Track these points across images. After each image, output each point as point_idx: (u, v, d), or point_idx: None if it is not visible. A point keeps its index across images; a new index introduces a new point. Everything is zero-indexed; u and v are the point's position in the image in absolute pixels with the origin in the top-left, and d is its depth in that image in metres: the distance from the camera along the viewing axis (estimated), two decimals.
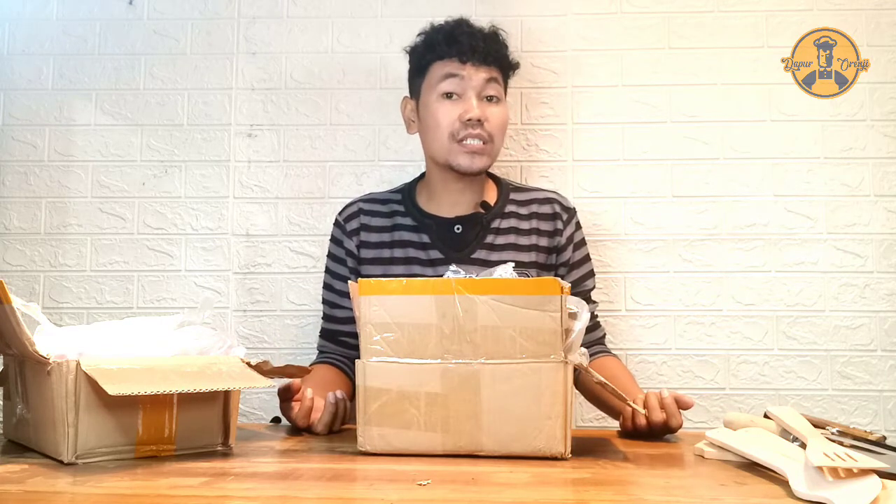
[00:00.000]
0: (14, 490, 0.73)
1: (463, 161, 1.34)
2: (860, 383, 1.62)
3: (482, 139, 1.33)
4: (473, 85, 1.33)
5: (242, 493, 0.74)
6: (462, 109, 1.33)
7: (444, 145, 1.35)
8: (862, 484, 0.70)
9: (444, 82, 1.34)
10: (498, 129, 1.36)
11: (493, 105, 1.35)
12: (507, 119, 1.39)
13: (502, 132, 1.37)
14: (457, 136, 1.33)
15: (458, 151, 1.34)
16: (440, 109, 1.34)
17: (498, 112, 1.36)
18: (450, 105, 1.34)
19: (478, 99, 1.34)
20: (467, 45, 1.33)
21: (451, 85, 1.34)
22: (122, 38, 1.76)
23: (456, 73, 1.34)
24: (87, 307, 1.71)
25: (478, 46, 1.33)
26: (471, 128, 1.32)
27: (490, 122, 1.34)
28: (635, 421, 1.07)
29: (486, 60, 1.34)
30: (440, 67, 1.35)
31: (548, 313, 0.88)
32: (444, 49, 1.35)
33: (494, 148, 1.36)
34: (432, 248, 1.39)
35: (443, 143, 1.35)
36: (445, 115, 1.33)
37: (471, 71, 1.33)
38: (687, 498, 0.73)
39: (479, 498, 0.72)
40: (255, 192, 1.72)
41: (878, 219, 1.64)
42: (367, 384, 0.91)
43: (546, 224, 1.42)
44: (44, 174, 1.74)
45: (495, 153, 1.37)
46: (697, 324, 1.65)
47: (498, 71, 1.37)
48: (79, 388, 0.84)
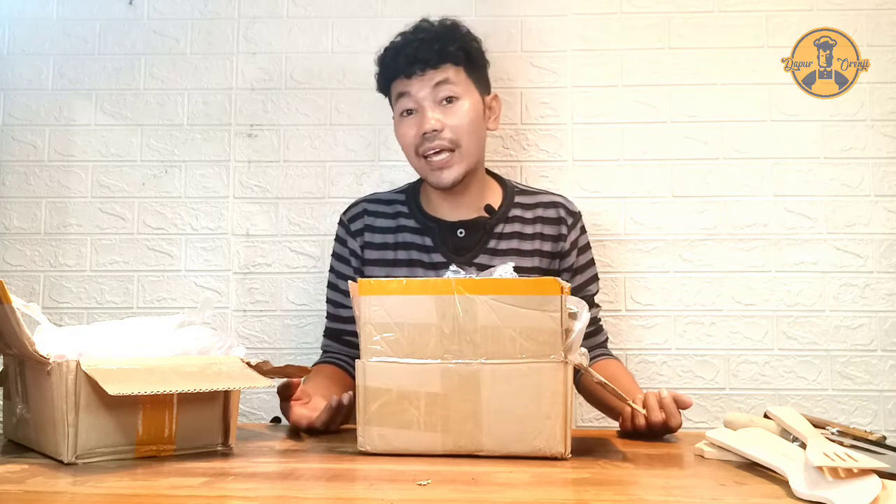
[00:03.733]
0: (14, 490, 0.73)
1: (433, 178, 1.34)
2: (860, 383, 1.62)
3: (444, 149, 1.31)
4: (423, 96, 1.32)
5: (242, 493, 0.74)
6: (418, 125, 1.32)
7: (415, 163, 1.36)
8: (862, 484, 0.70)
9: (399, 102, 1.36)
10: (461, 131, 1.32)
11: (451, 105, 1.32)
12: (472, 113, 1.33)
13: (468, 131, 1.32)
14: (419, 150, 1.33)
15: (427, 169, 1.34)
16: (401, 128, 1.36)
17: (457, 112, 1.32)
18: (409, 122, 1.34)
19: (434, 107, 1.31)
20: (407, 58, 1.32)
21: (405, 103, 1.34)
22: (122, 38, 1.76)
23: (405, 90, 1.33)
24: (87, 307, 1.71)
25: (418, 55, 1.31)
26: (428, 141, 1.31)
27: (449, 127, 1.31)
28: (634, 421, 1.07)
29: (430, 64, 1.31)
30: (395, 87, 1.36)
31: (548, 313, 0.88)
32: (392, 69, 1.35)
33: (463, 151, 1.32)
34: (435, 251, 1.38)
35: (412, 160, 1.36)
36: (407, 134, 1.34)
37: (417, 84, 1.32)
38: (687, 498, 0.73)
39: (479, 498, 0.72)
40: (255, 192, 1.72)
41: (878, 219, 1.64)
42: (367, 384, 0.91)
43: (550, 228, 1.41)
44: (44, 174, 1.74)
45: (466, 155, 1.33)
46: (697, 324, 1.65)
47: (451, 67, 1.33)
48: (79, 388, 0.84)
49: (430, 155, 1.32)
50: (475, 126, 1.34)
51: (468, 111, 1.33)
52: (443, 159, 1.32)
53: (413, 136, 1.33)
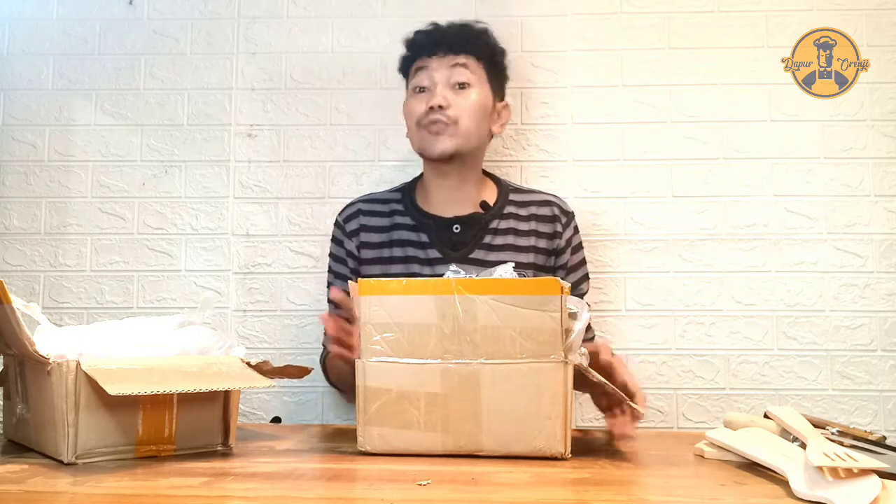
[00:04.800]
0: (14, 490, 0.73)
1: (428, 145, 1.35)
2: (860, 383, 1.62)
3: (444, 122, 1.34)
4: (440, 74, 1.36)
5: (242, 493, 0.74)
6: (427, 101, 1.35)
7: (415, 135, 1.38)
8: (862, 484, 0.70)
9: (414, 77, 1.40)
10: (464, 112, 1.35)
11: (463, 90, 1.36)
12: (480, 103, 1.37)
13: (471, 115, 1.36)
14: (421, 121, 1.36)
15: (424, 135, 1.36)
16: (410, 104, 1.39)
17: (466, 96, 1.36)
18: (419, 97, 1.37)
19: (445, 87, 1.36)
20: (434, 39, 1.38)
21: (420, 78, 1.38)
22: (122, 38, 1.76)
23: (423, 66, 1.38)
24: (87, 307, 1.71)
25: (444, 38, 1.38)
26: (432, 114, 1.34)
27: (454, 107, 1.34)
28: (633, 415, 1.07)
29: (453, 49, 1.37)
30: (415, 66, 1.40)
31: (548, 313, 0.88)
32: (417, 49, 1.40)
33: (461, 129, 1.35)
34: (431, 247, 1.39)
35: (413, 132, 1.38)
36: (414, 108, 1.37)
37: (436, 63, 1.37)
38: (687, 498, 0.73)
39: (479, 498, 0.72)
40: (255, 192, 1.72)
41: (878, 219, 1.64)
42: (367, 384, 0.91)
43: (545, 226, 1.42)
44: (44, 174, 1.74)
45: (463, 134, 1.35)
46: (697, 324, 1.65)
47: (470, 57, 1.38)
48: (79, 388, 0.84)
49: (430, 124, 1.35)
50: (479, 115, 1.37)
51: (476, 100, 1.37)
52: (441, 126, 1.34)
53: (420, 111, 1.36)
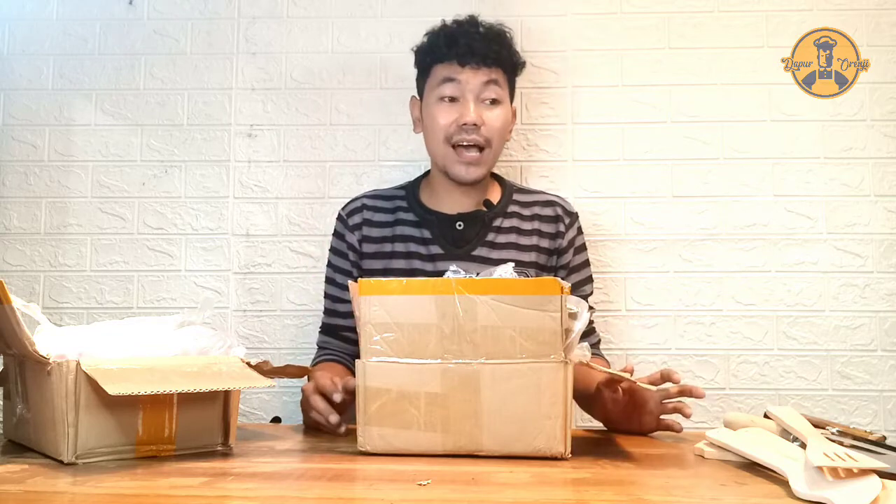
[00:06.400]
0: (14, 490, 0.73)
1: (458, 171, 1.35)
2: (860, 383, 1.62)
3: (478, 145, 1.33)
4: (471, 88, 1.33)
5: (242, 493, 0.74)
6: (458, 114, 1.33)
7: (441, 149, 1.35)
8: (862, 484, 0.70)
9: (442, 86, 1.35)
10: (495, 133, 1.35)
11: (493, 107, 1.35)
12: (507, 121, 1.37)
13: (500, 135, 1.36)
14: (451, 139, 1.34)
15: (454, 160, 1.34)
16: (438, 113, 1.35)
17: (496, 115, 1.35)
18: (447, 108, 1.34)
19: (476, 102, 1.33)
20: (466, 47, 1.33)
21: (450, 89, 1.34)
22: (122, 38, 1.76)
23: (454, 77, 1.34)
24: (87, 307, 1.71)
25: (477, 49, 1.33)
26: (465, 132, 1.32)
27: (487, 126, 1.33)
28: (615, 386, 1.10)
29: (486, 62, 1.33)
30: (440, 70, 1.36)
31: (548, 313, 0.88)
32: (444, 52, 1.35)
33: (491, 153, 1.35)
34: (433, 243, 1.39)
35: (439, 145, 1.35)
36: (443, 118, 1.34)
37: (469, 75, 1.33)
38: (687, 498, 0.73)
39: (479, 498, 0.72)
40: (255, 192, 1.72)
41: (878, 219, 1.64)
42: (367, 384, 0.91)
43: (548, 226, 1.42)
44: (44, 174, 1.74)
45: (492, 159, 1.37)
46: (697, 324, 1.65)
47: (500, 72, 1.36)
48: (79, 388, 0.84)
49: (463, 147, 1.33)
50: (504, 132, 1.38)
51: (502, 117, 1.36)
52: (474, 156, 1.34)
53: (448, 124, 1.34)
